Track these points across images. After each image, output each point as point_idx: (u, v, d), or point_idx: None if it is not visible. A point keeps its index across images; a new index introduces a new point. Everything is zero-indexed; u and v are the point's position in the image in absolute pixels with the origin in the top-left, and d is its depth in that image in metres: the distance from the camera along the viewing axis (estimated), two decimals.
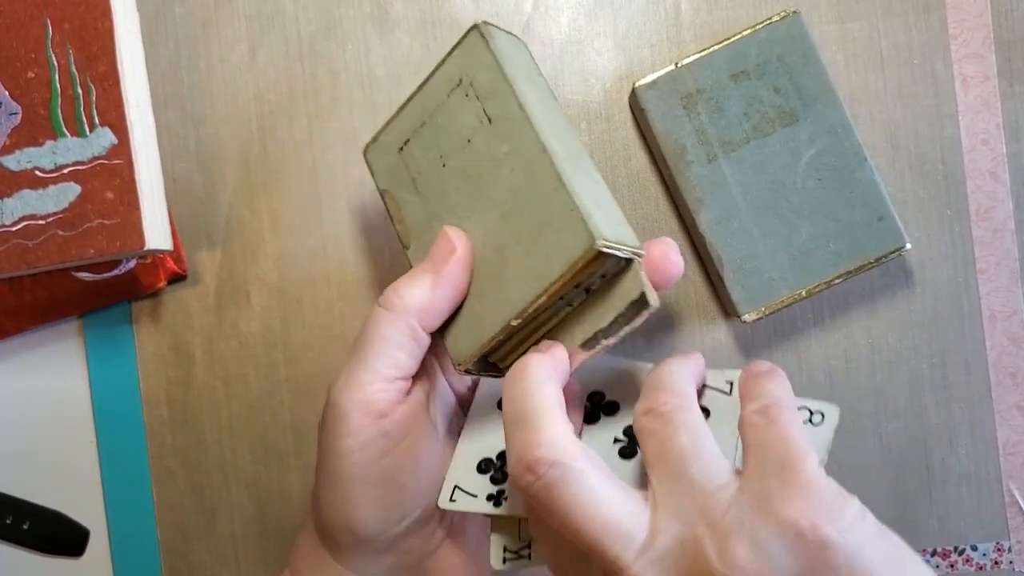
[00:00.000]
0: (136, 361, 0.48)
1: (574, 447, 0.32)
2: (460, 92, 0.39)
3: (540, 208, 0.36)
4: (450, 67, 0.39)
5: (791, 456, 0.31)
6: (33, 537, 0.49)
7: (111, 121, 0.44)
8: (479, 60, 0.38)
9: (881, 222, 0.45)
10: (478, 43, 0.38)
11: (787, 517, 0.30)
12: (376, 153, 0.42)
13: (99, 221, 0.43)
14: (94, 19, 0.44)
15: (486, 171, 0.38)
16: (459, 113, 0.39)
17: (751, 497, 0.31)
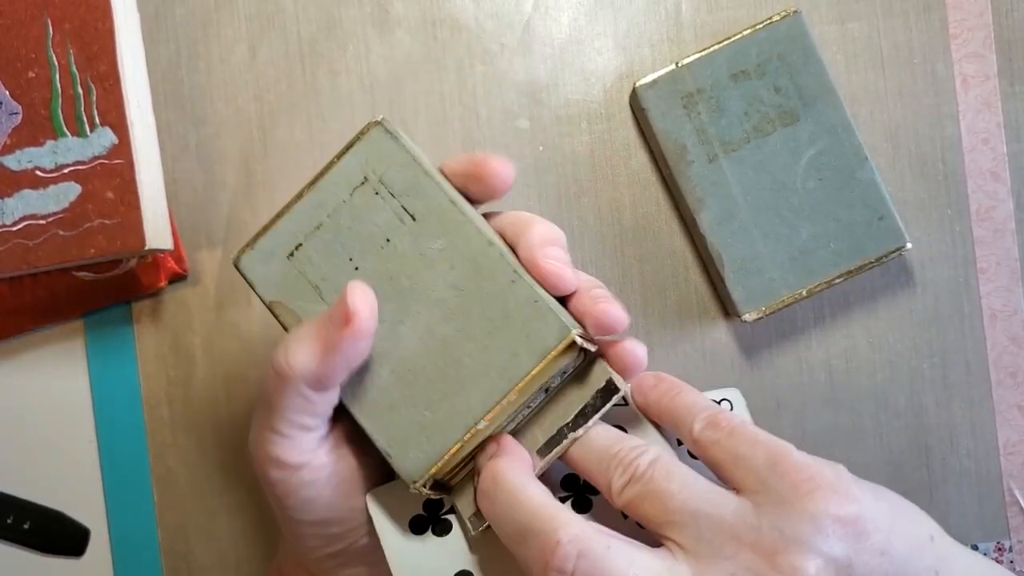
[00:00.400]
0: (137, 361, 0.48)
1: (588, 529, 0.31)
2: (367, 190, 0.37)
3: (495, 303, 0.35)
4: (349, 165, 0.37)
5: (775, 454, 0.32)
6: (34, 537, 0.48)
7: (112, 121, 0.44)
8: (389, 156, 0.36)
9: (882, 222, 0.45)
10: (384, 139, 0.36)
11: (817, 510, 0.30)
12: (254, 261, 0.37)
13: (100, 221, 0.43)
14: (95, 19, 0.44)
15: (416, 270, 0.36)
16: (369, 212, 0.36)
17: (770, 506, 0.31)
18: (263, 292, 0.38)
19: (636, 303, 0.48)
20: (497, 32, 0.49)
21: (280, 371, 0.34)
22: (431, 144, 0.48)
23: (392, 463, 0.35)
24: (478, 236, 0.36)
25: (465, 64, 0.49)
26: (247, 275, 0.38)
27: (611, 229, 0.48)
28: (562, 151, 0.49)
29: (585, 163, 0.49)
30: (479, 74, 0.49)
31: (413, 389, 0.36)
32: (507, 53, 0.49)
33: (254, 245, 0.38)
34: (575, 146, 0.49)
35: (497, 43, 0.49)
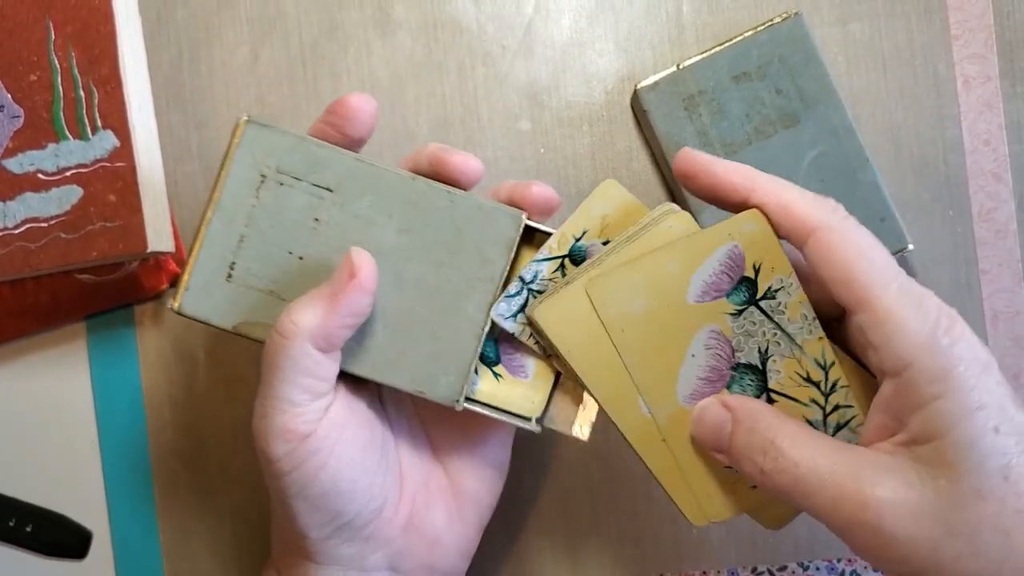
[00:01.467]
0: (139, 363, 0.48)
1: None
2: (270, 186, 0.37)
3: (444, 226, 0.37)
4: (239, 170, 0.37)
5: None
6: (36, 539, 0.48)
7: (113, 124, 0.44)
8: (274, 145, 0.37)
9: (883, 223, 0.45)
10: (260, 132, 0.37)
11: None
12: (195, 300, 0.37)
13: (101, 224, 0.43)
14: (96, 22, 0.44)
15: (358, 232, 0.37)
16: (284, 204, 0.37)
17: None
18: (221, 323, 0.38)
19: None
20: (498, 34, 0.49)
21: (285, 331, 0.35)
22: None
23: (428, 397, 0.38)
24: (398, 178, 0.37)
25: (466, 66, 0.49)
26: (197, 316, 0.38)
27: None
28: (563, 153, 0.49)
29: (586, 165, 0.49)
30: (480, 76, 0.49)
31: (411, 331, 0.38)
32: (508, 55, 0.49)
33: (187, 285, 0.37)
34: (576, 148, 0.49)
35: (498, 45, 0.49)
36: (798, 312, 0.36)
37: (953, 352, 0.31)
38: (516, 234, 0.38)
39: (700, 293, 0.36)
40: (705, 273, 0.36)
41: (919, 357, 0.31)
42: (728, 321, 0.36)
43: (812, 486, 0.32)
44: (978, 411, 0.30)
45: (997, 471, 0.30)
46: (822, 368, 0.36)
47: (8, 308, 0.47)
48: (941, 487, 0.31)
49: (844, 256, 0.33)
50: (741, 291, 0.36)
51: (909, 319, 0.32)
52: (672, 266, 0.36)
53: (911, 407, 0.32)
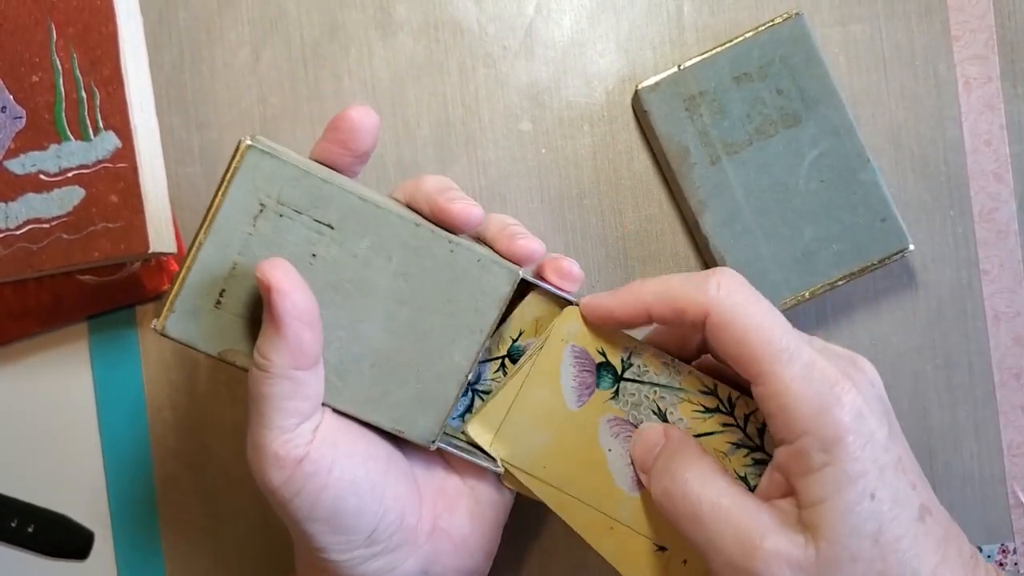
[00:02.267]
0: (141, 365, 0.48)
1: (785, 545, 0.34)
2: (269, 216, 0.36)
3: (442, 274, 0.38)
4: (238, 196, 0.35)
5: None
6: (38, 540, 0.48)
7: (115, 125, 0.44)
8: (277, 175, 0.35)
9: (884, 223, 0.45)
10: (263, 160, 0.35)
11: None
12: (181, 323, 0.36)
13: (103, 224, 0.43)
14: (98, 23, 0.44)
15: (354, 272, 0.37)
16: (282, 235, 0.36)
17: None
18: (206, 348, 0.37)
19: None
20: (499, 35, 0.49)
21: (260, 365, 0.35)
22: (433, 147, 0.48)
23: (405, 437, 0.38)
24: (402, 222, 0.37)
25: (467, 67, 0.49)
26: (181, 339, 0.36)
27: (613, 231, 0.48)
28: (564, 154, 0.49)
29: (587, 165, 0.49)
30: (481, 77, 0.49)
31: (397, 372, 0.38)
32: (509, 56, 0.49)
33: (173, 307, 0.36)
34: (577, 148, 0.49)
35: (499, 46, 0.49)
36: (658, 364, 0.39)
37: (840, 421, 0.33)
38: (510, 289, 0.38)
39: (576, 398, 0.39)
40: (568, 381, 0.39)
41: (810, 428, 0.33)
42: (613, 405, 0.39)
43: (708, 522, 0.34)
44: (859, 479, 0.33)
45: (869, 535, 0.33)
46: (710, 393, 0.39)
47: (10, 309, 0.47)
48: (821, 548, 0.33)
49: (734, 335, 0.34)
50: (605, 376, 0.39)
51: (803, 391, 0.33)
52: (541, 392, 0.39)
53: (802, 472, 0.34)
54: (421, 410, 0.38)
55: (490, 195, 0.48)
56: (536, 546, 0.49)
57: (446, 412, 0.39)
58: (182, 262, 0.36)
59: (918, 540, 0.33)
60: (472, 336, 0.38)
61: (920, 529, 0.33)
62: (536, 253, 0.39)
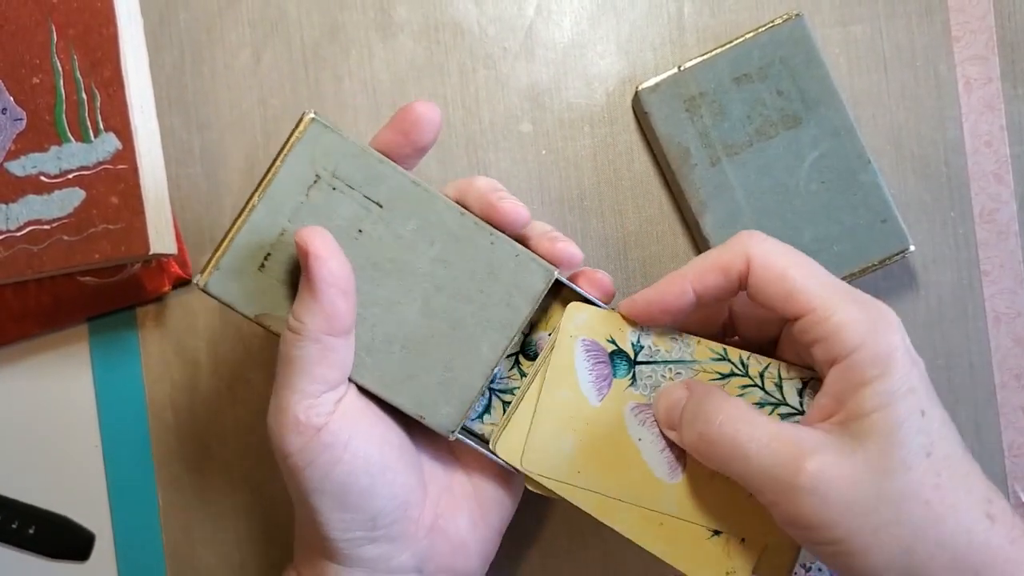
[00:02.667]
0: (141, 366, 0.48)
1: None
2: (323, 187, 0.37)
3: (480, 265, 0.38)
4: (296, 165, 0.37)
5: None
6: (39, 542, 0.48)
7: (116, 126, 0.44)
8: (336, 150, 0.37)
9: (885, 224, 0.45)
10: (325, 133, 0.37)
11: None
12: (223, 281, 0.37)
13: (104, 226, 0.43)
14: (98, 25, 0.44)
15: (396, 253, 0.38)
16: (332, 207, 0.37)
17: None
18: (244, 309, 0.38)
19: None
20: (499, 36, 0.49)
21: (293, 328, 0.36)
22: (435, 148, 0.48)
23: (426, 423, 0.39)
24: (449, 210, 0.38)
25: (468, 68, 0.49)
26: (221, 298, 0.37)
27: (614, 232, 0.48)
28: (565, 155, 0.49)
29: (588, 167, 0.49)
30: (482, 78, 0.49)
31: (426, 357, 0.38)
32: (510, 57, 0.49)
33: (218, 265, 0.37)
34: (578, 150, 0.49)
35: (500, 47, 0.49)
36: (667, 341, 0.39)
37: (892, 339, 0.34)
38: (544, 287, 0.39)
39: (597, 391, 0.39)
40: (585, 376, 0.39)
41: (865, 342, 0.34)
42: (634, 391, 0.39)
43: (750, 452, 0.34)
44: (909, 393, 0.33)
45: (920, 448, 0.33)
46: (722, 359, 0.39)
47: (10, 310, 0.47)
48: (872, 457, 0.33)
49: (777, 274, 0.36)
50: (620, 364, 0.39)
51: (852, 311, 0.34)
52: (560, 393, 0.39)
53: (853, 387, 0.34)
54: (445, 398, 0.39)
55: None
56: (536, 545, 0.49)
57: (469, 403, 0.39)
58: (232, 222, 0.37)
59: (967, 459, 0.34)
60: (502, 331, 0.39)
61: (967, 454, 0.34)
62: (575, 257, 0.39)
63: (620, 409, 0.39)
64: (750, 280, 0.36)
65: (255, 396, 0.48)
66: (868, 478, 0.33)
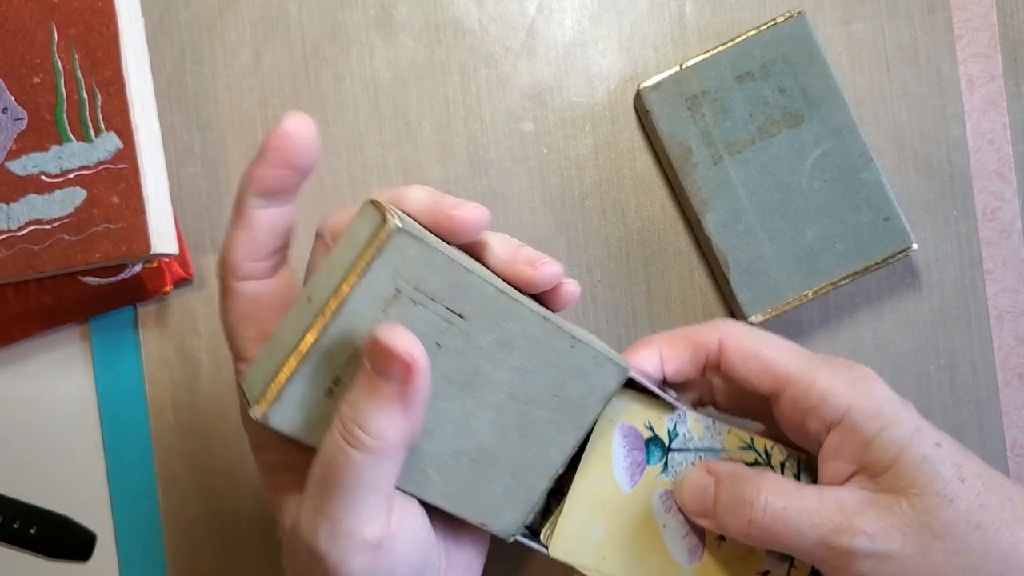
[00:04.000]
0: (142, 365, 0.48)
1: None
2: (402, 301, 0.32)
3: (558, 371, 0.35)
4: (376, 281, 0.31)
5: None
6: (40, 542, 0.48)
7: (116, 126, 0.43)
8: (421, 262, 0.32)
9: (887, 223, 0.45)
10: (410, 244, 0.31)
11: None
12: (288, 413, 0.32)
13: (105, 226, 0.43)
14: (99, 24, 0.44)
15: (475, 364, 0.34)
16: (411, 322, 0.32)
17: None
18: (309, 439, 0.33)
19: (641, 305, 0.48)
20: (501, 35, 0.49)
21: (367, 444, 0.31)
22: (436, 147, 0.48)
23: (489, 530, 0.36)
24: (532, 316, 0.34)
25: (469, 67, 0.48)
26: (284, 430, 0.32)
27: (616, 231, 0.48)
28: (566, 154, 0.48)
29: (589, 165, 0.48)
30: (483, 77, 0.48)
31: (495, 468, 0.35)
32: (511, 56, 0.49)
33: (279, 396, 0.32)
34: (579, 149, 0.48)
35: (501, 46, 0.49)
36: (700, 429, 0.39)
37: (877, 392, 0.35)
38: (616, 386, 0.37)
39: (629, 478, 0.39)
40: (620, 463, 0.38)
41: (852, 402, 0.35)
42: (664, 478, 0.39)
43: (803, 526, 0.34)
44: (917, 432, 0.34)
45: (953, 477, 0.34)
46: (748, 448, 0.39)
47: (12, 310, 0.47)
48: (914, 502, 0.34)
49: (752, 351, 0.37)
50: (654, 451, 0.39)
51: (830, 376, 0.36)
52: (594, 479, 0.38)
53: (860, 445, 0.35)
54: (508, 505, 0.36)
55: (492, 195, 0.48)
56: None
57: (531, 507, 0.37)
58: (291, 347, 0.32)
59: (989, 469, 0.35)
60: (572, 432, 0.36)
61: (986, 464, 0.35)
62: (559, 278, 0.36)
63: (649, 496, 0.39)
64: (725, 358, 0.37)
65: None
66: (917, 523, 0.33)
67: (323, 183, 0.48)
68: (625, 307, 0.48)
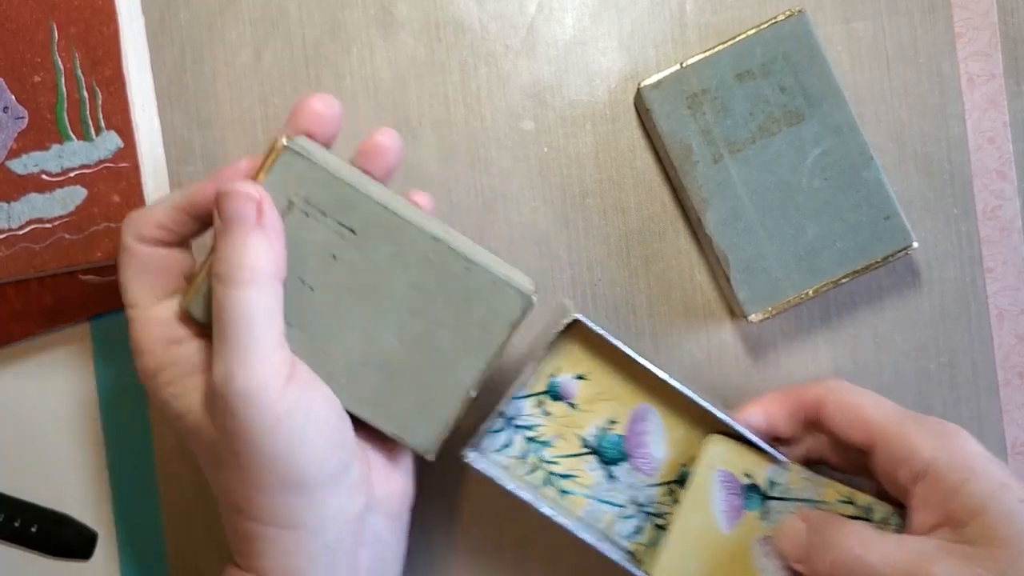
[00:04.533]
0: None
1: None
2: (296, 214, 0.37)
3: (455, 290, 0.38)
4: (270, 191, 0.36)
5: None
6: (41, 540, 0.48)
7: (117, 125, 0.43)
8: (307, 177, 0.37)
9: (888, 221, 0.45)
10: (295, 160, 0.36)
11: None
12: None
13: (105, 224, 0.43)
14: (99, 23, 0.44)
15: (372, 278, 0.38)
16: (306, 233, 0.37)
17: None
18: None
19: (642, 304, 0.48)
20: (501, 34, 0.48)
21: (243, 277, 0.35)
22: (436, 146, 0.48)
23: (405, 443, 0.39)
24: (422, 235, 0.37)
25: (469, 66, 0.48)
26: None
27: (616, 230, 0.48)
28: (567, 152, 0.48)
29: (590, 164, 0.48)
30: (483, 76, 0.48)
31: (403, 379, 0.39)
32: (511, 55, 0.48)
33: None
34: (580, 147, 0.48)
35: (501, 45, 0.48)
36: (799, 480, 0.41)
37: (966, 447, 0.37)
38: (521, 315, 0.39)
39: (728, 521, 0.41)
40: (719, 505, 0.41)
41: (938, 455, 0.37)
42: (763, 524, 0.41)
43: (882, 570, 0.36)
44: (1003, 488, 0.36)
45: None
46: (847, 503, 0.41)
47: (13, 309, 0.47)
48: (995, 554, 0.35)
49: (850, 408, 0.40)
50: (753, 498, 0.41)
51: (921, 431, 0.38)
52: (694, 519, 0.41)
53: (945, 497, 0.36)
54: (422, 420, 0.39)
55: (492, 194, 0.48)
56: (511, 538, 0.48)
57: (445, 426, 0.39)
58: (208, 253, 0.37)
59: None
60: (477, 355, 0.39)
61: None
62: (386, 144, 0.39)
63: (747, 540, 0.41)
64: (825, 413, 0.40)
65: None
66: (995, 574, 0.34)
67: None
68: (625, 306, 0.48)
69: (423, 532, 0.47)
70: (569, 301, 0.43)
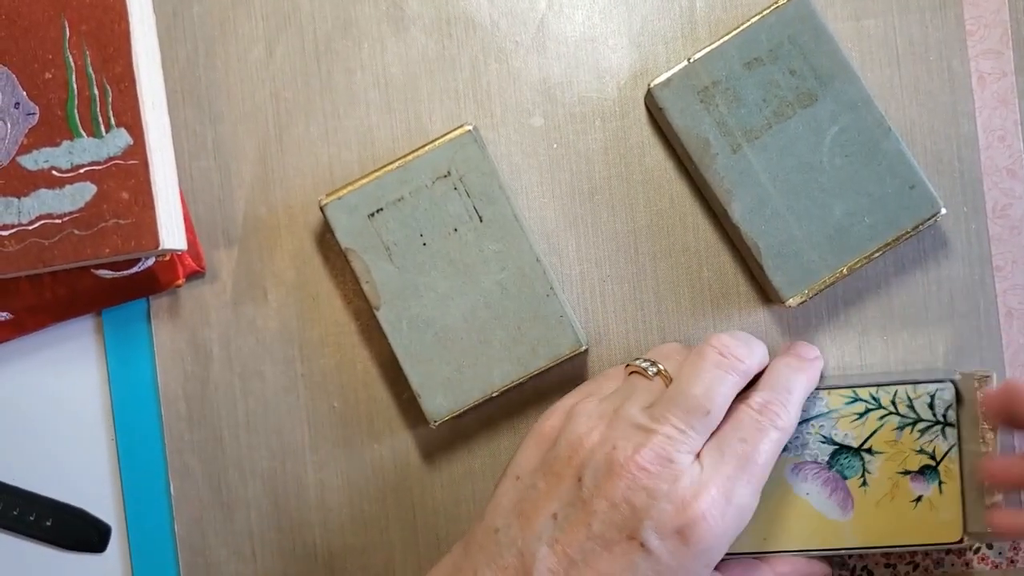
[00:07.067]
0: (154, 357, 0.46)
1: None
2: (447, 183, 0.41)
3: (529, 306, 0.41)
4: (437, 157, 0.41)
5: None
6: (55, 533, 0.46)
7: (127, 122, 0.41)
8: (472, 161, 0.41)
9: (913, 190, 0.42)
10: (472, 145, 0.41)
11: None
12: (339, 210, 0.41)
13: (114, 221, 0.41)
14: (111, 21, 0.41)
15: (472, 262, 0.41)
16: (445, 202, 0.41)
17: None
18: (341, 238, 0.41)
19: (650, 300, 0.46)
20: (511, 30, 0.46)
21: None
22: None
23: (420, 402, 0.42)
24: (529, 251, 0.41)
25: (479, 62, 0.46)
26: (331, 221, 0.41)
27: (625, 226, 0.46)
28: (576, 149, 0.46)
29: (599, 161, 0.46)
30: (493, 72, 0.46)
31: (448, 352, 0.41)
32: (521, 51, 0.46)
33: (340, 196, 0.41)
34: (589, 144, 0.46)
35: (512, 41, 0.46)
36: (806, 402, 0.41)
37: None
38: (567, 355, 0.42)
39: None
40: None
41: None
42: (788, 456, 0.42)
43: None
44: None
45: None
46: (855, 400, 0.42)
47: (26, 302, 0.45)
48: None
49: None
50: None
51: None
52: None
53: None
54: (445, 393, 0.41)
55: None
56: None
57: (461, 408, 0.41)
58: (369, 172, 0.42)
59: None
60: (515, 368, 0.41)
61: None
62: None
63: (780, 475, 0.41)
64: None
65: (267, 388, 0.46)
66: None
67: (334, 176, 0.46)
68: (633, 302, 0.46)
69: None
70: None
